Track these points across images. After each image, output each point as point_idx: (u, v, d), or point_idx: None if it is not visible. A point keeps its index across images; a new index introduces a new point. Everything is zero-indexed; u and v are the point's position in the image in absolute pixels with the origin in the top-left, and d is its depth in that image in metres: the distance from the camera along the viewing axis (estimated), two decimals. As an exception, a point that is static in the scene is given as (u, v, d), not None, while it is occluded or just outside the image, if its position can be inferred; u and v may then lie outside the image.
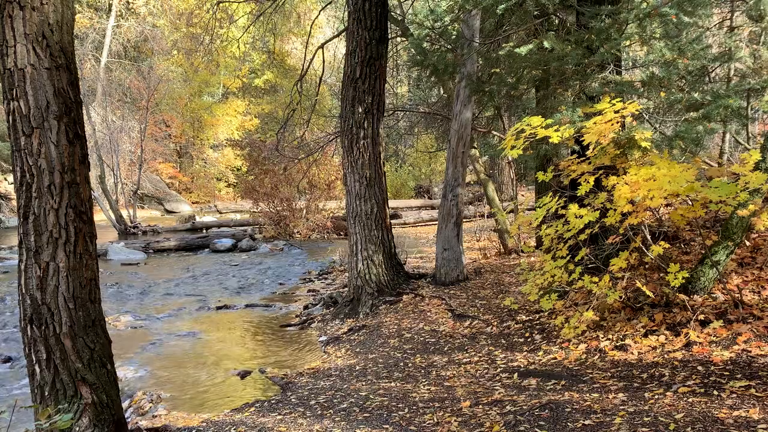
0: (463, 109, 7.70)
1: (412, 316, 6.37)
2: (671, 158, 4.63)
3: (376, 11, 7.35)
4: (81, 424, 3.14)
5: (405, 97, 24.14)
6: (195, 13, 25.79)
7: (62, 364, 3.12)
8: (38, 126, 3.05)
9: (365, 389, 4.21)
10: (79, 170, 3.18)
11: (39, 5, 3.03)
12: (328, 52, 20.69)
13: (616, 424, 2.79)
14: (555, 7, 6.30)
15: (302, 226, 17.54)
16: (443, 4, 12.02)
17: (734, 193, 3.73)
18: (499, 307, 6.09)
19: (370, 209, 7.36)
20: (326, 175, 17.97)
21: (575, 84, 5.79)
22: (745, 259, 5.01)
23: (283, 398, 4.36)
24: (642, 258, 4.57)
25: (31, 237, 3.08)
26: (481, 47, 7.48)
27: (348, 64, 7.48)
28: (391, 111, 13.65)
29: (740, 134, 8.79)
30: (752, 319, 3.95)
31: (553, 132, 4.72)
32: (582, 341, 4.45)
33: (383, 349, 5.46)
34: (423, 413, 3.49)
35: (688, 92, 5.47)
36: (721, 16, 8.81)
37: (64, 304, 3.11)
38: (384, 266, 7.33)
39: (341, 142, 7.85)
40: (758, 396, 2.95)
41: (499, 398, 3.56)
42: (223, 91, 34.35)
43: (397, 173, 28.44)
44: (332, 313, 7.41)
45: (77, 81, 3.24)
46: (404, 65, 17.01)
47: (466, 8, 7.16)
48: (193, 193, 31.43)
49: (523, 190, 20.64)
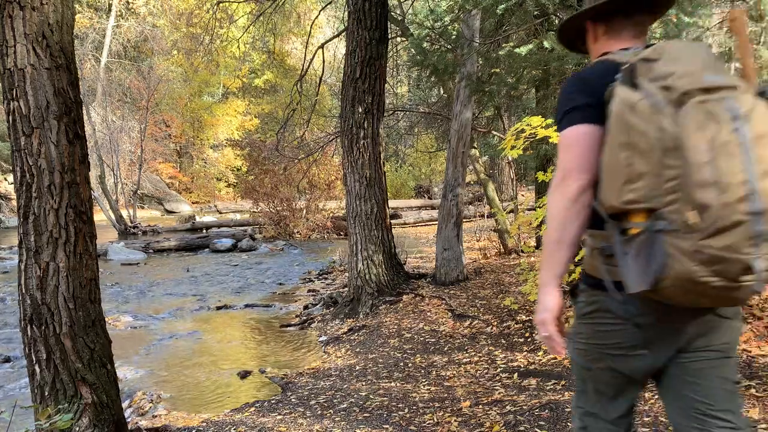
0: (463, 109, 7.71)
1: (412, 316, 6.38)
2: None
3: (376, 11, 7.35)
4: (81, 424, 3.14)
5: (405, 97, 24.14)
6: (195, 13, 25.77)
7: (62, 364, 3.12)
8: (38, 126, 3.04)
9: (365, 389, 4.21)
10: (79, 170, 3.18)
11: (39, 5, 3.02)
12: (328, 52, 20.69)
13: (616, 424, 2.79)
14: (555, 7, 6.30)
15: (302, 226, 17.54)
16: (443, 4, 12.02)
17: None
18: (499, 307, 6.09)
19: (370, 209, 7.36)
20: (326, 175, 17.96)
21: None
22: (745, 259, 5.01)
23: (283, 398, 4.36)
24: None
25: (31, 237, 3.08)
26: (481, 47, 7.48)
27: (348, 64, 7.48)
28: (391, 111, 13.65)
29: (740, 134, 8.78)
30: (752, 319, 3.95)
31: (553, 132, 4.72)
32: (582, 341, 4.45)
33: (383, 349, 5.46)
34: (423, 413, 3.49)
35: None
36: (721, 16, 8.82)
37: (64, 304, 3.11)
38: (384, 266, 7.33)
39: (341, 142, 7.85)
40: (758, 396, 2.96)
41: (499, 398, 3.56)
42: (223, 91, 34.35)
43: (397, 173, 28.43)
44: (332, 313, 7.41)
45: (77, 81, 3.24)
46: (404, 65, 17.00)
47: (466, 8, 7.16)
48: (193, 193, 31.43)
49: (523, 190, 20.63)
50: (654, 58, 1.34)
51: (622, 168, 1.32)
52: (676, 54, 1.33)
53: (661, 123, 1.26)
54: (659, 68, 1.31)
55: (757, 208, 1.20)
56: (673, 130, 1.25)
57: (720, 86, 1.28)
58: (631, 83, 1.33)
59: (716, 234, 1.21)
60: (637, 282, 1.31)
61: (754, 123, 1.24)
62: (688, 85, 1.27)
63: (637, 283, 1.31)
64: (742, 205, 1.20)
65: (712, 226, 1.21)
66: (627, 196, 1.31)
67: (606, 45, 1.58)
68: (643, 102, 1.29)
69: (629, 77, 1.34)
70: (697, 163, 1.22)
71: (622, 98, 1.33)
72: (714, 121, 1.24)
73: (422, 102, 17.78)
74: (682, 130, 1.24)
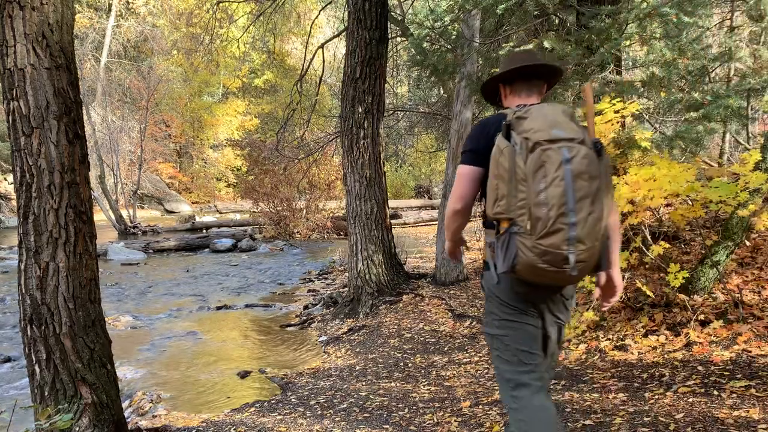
0: (463, 109, 7.71)
1: (412, 316, 6.37)
2: (671, 158, 4.63)
3: (376, 11, 7.34)
4: (81, 424, 3.14)
5: (405, 97, 24.14)
6: (195, 13, 25.78)
7: (62, 364, 3.12)
8: (38, 126, 3.04)
9: (365, 389, 4.21)
10: (79, 170, 3.18)
11: (39, 5, 3.02)
12: (328, 52, 20.69)
13: (616, 424, 2.79)
14: (555, 7, 6.30)
15: (302, 226, 17.53)
16: (443, 4, 12.02)
17: (734, 193, 3.73)
18: (499, 307, 6.09)
19: (370, 209, 7.36)
20: (326, 175, 17.96)
21: (575, 84, 5.78)
22: (745, 259, 5.01)
23: (283, 398, 4.36)
24: (642, 258, 4.57)
25: (31, 237, 3.08)
26: (481, 47, 7.48)
27: (348, 64, 7.48)
28: (391, 111, 13.65)
29: (740, 134, 8.79)
30: (752, 319, 3.95)
31: (553, 132, 4.72)
32: (582, 341, 4.45)
33: (383, 349, 5.46)
34: (423, 413, 3.49)
35: (688, 92, 5.47)
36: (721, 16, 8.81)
37: (63, 304, 3.11)
38: (384, 266, 7.33)
39: (341, 142, 7.85)
40: (758, 396, 2.95)
41: (499, 398, 3.56)
42: (223, 91, 34.35)
43: (397, 173, 28.43)
44: (332, 313, 7.41)
45: (77, 81, 3.24)
46: (404, 65, 17.01)
47: (466, 8, 7.16)
48: (193, 193, 31.43)
49: (523, 190, 20.61)
50: (524, 117, 1.95)
51: (493, 191, 1.96)
52: (537, 115, 1.94)
53: (518, 162, 1.88)
54: (524, 125, 1.92)
55: (571, 221, 1.84)
56: (524, 168, 1.87)
57: (561, 138, 1.88)
58: (506, 135, 1.94)
59: (545, 236, 1.85)
60: (502, 266, 1.97)
61: (575, 165, 1.85)
62: (539, 137, 1.88)
63: (502, 267, 1.98)
64: (562, 218, 1.84)
65: (542, 231, 1.85)
66: (496, 209, 1.96)
67: (510, 101, 2.26)
68: (509, 148, 1.91)
69: (506, 130, 1.95)
70: (535, 190, 1.85)
71: (498, 145, 1.96)
72: (550, 162, 1.85)
73: (422, 102, 17.78)
74: (529, 168, 1.86)
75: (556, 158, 1.85)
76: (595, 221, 1.88)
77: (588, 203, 1.86)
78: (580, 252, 1.87)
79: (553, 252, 1.85)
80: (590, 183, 1.87)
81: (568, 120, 1.95)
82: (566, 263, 1.86)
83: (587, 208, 1.86)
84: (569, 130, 1.92)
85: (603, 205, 1.90)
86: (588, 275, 2.19)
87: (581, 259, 1.88)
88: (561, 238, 1.84)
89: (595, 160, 1.90)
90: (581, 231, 1.86)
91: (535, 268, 1.89)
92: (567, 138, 1.89)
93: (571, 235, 1.84)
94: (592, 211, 1.87)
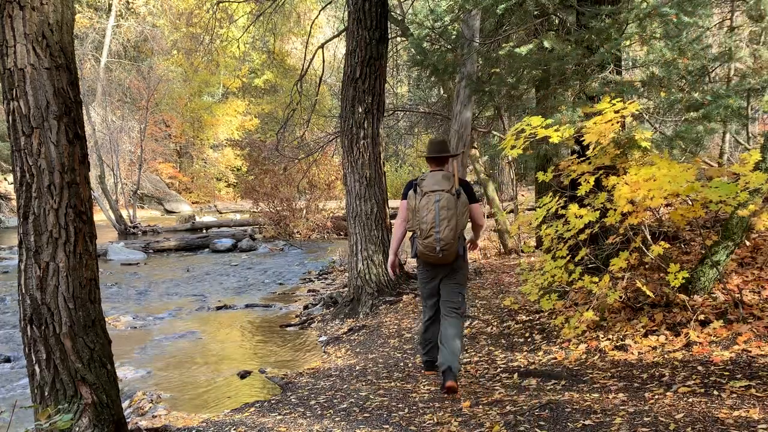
0: (463, 109, 7.71)
1: (412, 316, 6.37)
2: (671, 158, 4.62)
3: (376, 11, 7.35)
4: (81, 424, 3.14)
5: (405, 97, 24.15)
6: (195, 13, 25.79)
7: (62, 364, 3.11)
8: (38, 126, 3.04)
9: (365, 389, 4.21)
10: (79, 170, 3.17)
11: (39, 5, 3.02)
12: (328, 52, 20.68)
13: (616, 424, 2.79)
14: (555, 7, 6.30)
15: (302, 226, 17.54)
16: (443, 4, 12.03)
17: (734, 193, 3.73)
18: (499, 307, 6.09)
19: (370, 209, 7.36)
20: (326, 175, 17.97)
21: (575, 84, 5.78)
22: (745, 259, 5.01)
23: (283, 398, 4.36)
24: (642, 258, 4.57)
25: (31, 237, 3.07)
26: (481, 47, 7.48)
27: (348, 64, 7.48)
28: (391, 111, 13.65)
29: (740, 134, 8.79)
30: (752, 319, 3.95)
31: (553, 132, 4.72)
32: (582, 341, 4.45)
33: (383, 349, 5.46)
34: (423, 413, 3.49)
35: (688, 92, 5.47)
36: (721, 16, 8.82)
37: (63, 304, 3.10)
38: (384, 266, 7.33)
39: (341, 142, 7.85)
40: (758, 396, 2.95)
41: (499, 398, 3.56)
42: (223, 91, 34.37)
43: (397, 173, 28.44)
44: (332, 313, 7.41)
45: (77, 81, 3.24)
46: (404, 65, 17.01)
47: (466, 8, 7.16)
48: (193, 193, 31.44)
49: (523, 190, 20.63)
50: (423, 179, 3.93)
51: (409, 216, 3.97)
52: (429, 178, 3.90)
53: (416, 201, 3.88)
54: (422, 184, 3.90)
55: (437, 230, 3.78)
56: (418, 204, 3.86)
57: (436, 189, 3.83)
58: (414, 189, 3.93)
59: (425, 238, 3.83)
60: (413, 253, 4.00)
61: (441, 203, 3.79)
62: (426, 189, 3.86)
63: (413, 253, 4.00)
64: (432, 230, 3.79)
65: (423, 236, 3.84)
66: (409, 225, 3.97)
67: (430, 167, 4.11)
68: (413, 194, 3.92)
69: (414, 187, 3.94)
70: (421, 217, 3.83)
71: (409, 194, 3.96)
72: (429, 202, 3.82)
73: (422, 102, 17.79)
74: (420, 204, 3.85)
75: (432, 199, 3.81)
76: (450, 230, 3.78)
77: (446, 222, 3.78)
78: (443, 246, 3.79)
79: (429, 246, 3.82)
80: (448, 212, 3.78)
81: (444, 181, 3.85)
82: (435, 251, 3.81)
83: (446, 224, 3.78)
84: (442, 185, 3.84)
85: (456, 222, 3.79)
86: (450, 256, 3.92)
87: (443, 248, 3.80)
88: (433, 239, 3.80)
89: (453, 200, 3.80)
90: (442, 235, 3.78)
91: (423, 254, 3.90)
92: (439, 190, 3.82)
93: (437, 237, 3.78)
94: (448, 226, 3.77)
